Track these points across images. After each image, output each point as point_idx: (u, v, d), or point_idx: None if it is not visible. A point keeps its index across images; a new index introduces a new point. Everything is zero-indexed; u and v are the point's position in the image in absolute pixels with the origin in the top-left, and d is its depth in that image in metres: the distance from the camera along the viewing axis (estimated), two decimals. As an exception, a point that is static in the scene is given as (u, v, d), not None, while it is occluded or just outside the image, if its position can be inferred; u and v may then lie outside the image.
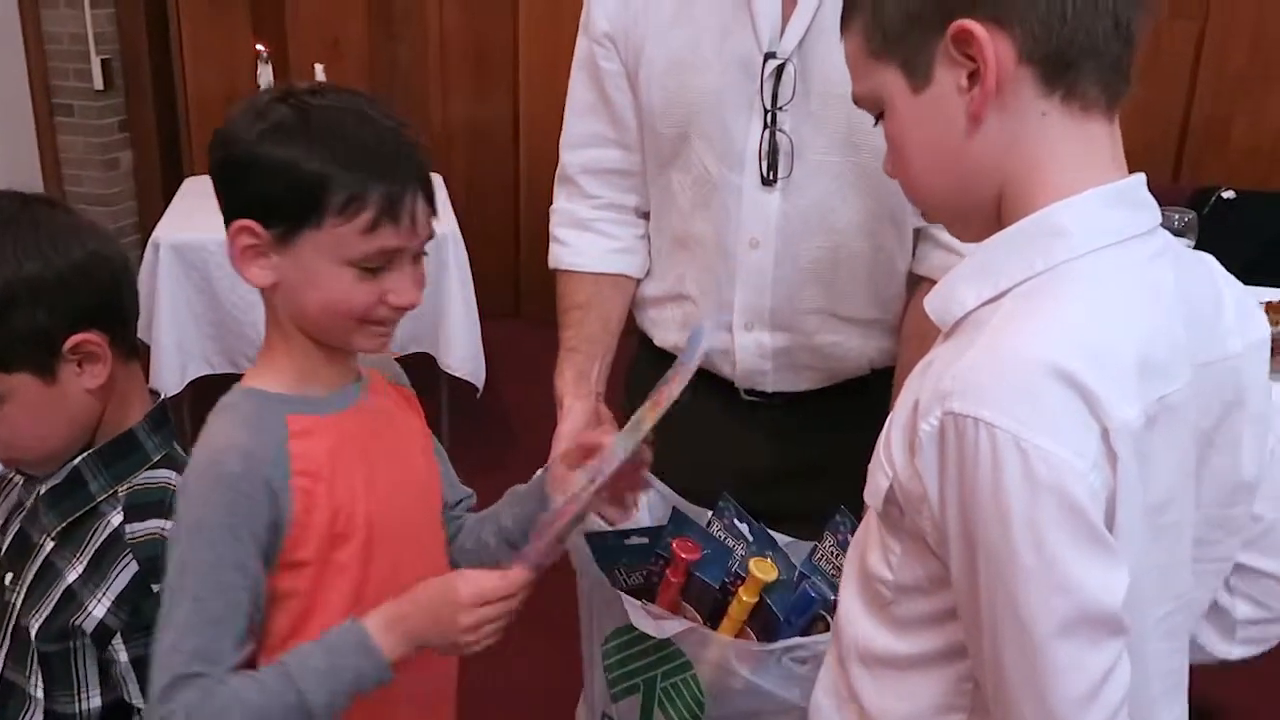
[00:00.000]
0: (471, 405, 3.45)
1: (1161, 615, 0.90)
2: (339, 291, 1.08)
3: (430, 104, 4.63)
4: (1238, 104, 4.20)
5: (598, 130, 1.46)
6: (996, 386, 0.78)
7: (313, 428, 1.11)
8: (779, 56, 1.31)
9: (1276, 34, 4.10)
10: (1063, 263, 0.83)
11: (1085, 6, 0.82)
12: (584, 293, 1.48)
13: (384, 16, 4.54)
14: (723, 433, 1.47)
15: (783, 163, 1.33)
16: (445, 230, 3.33)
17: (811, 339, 1.41)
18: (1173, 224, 2.46)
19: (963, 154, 0.87)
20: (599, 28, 1.41)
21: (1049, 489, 0.76)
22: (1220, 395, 0.90)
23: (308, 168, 1.04)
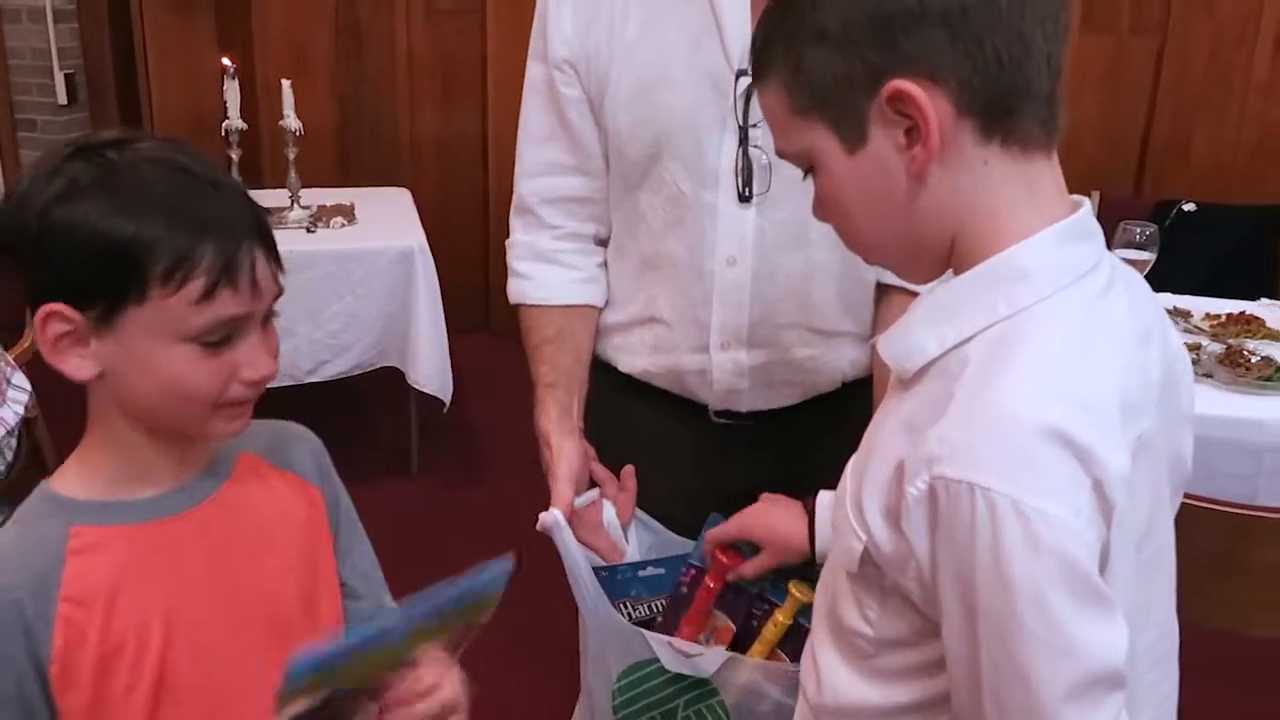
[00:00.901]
0: (439, 421, 3.44)
1: (1148, 645, 0.90)
2: (179, 374, 0.92)
3: (399, 118, 4.62)
4: (1197, 118, 4.26)
5: (556, 158, 1.44)
6: (988, 449, 0.76)
7: (104, 541, 0.94)
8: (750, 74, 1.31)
9: (1233, 49, 4.17)
10: (1026, 307, 0.81)
11: (1020, 51, 0.80)
12: (553, 326, 1.46)
13: (351, 31, 4.53)
14: (696, 459, 1.46)
15: (759, 179, 1.33)
16: (413, 243, 3.32)
17: (789, 354, 1.41)
18: (1135, 237, 2.49)
19: (908, 210, 0.85)
20: (558, 54, 1.39)
21: (1051, 551, 0.74)
22: (1171, 405, 0.91)
23: (119, 232, 0.87)
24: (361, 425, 3.82)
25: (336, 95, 4.55)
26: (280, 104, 3.45)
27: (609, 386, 1.49)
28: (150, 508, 0.97)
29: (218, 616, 0.99)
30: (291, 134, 3.42)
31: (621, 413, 1.48)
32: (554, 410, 1.41)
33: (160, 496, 0.98)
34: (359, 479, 4.02)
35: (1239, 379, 2.17)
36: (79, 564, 0.93)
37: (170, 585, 0.97)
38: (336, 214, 3.46)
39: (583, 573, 1.30)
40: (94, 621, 0.92)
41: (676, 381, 1.44)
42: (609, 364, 1.50)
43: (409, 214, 3.67)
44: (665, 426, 1.46)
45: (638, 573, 1.35)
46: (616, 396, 1.48)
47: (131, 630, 0.94)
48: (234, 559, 1.01)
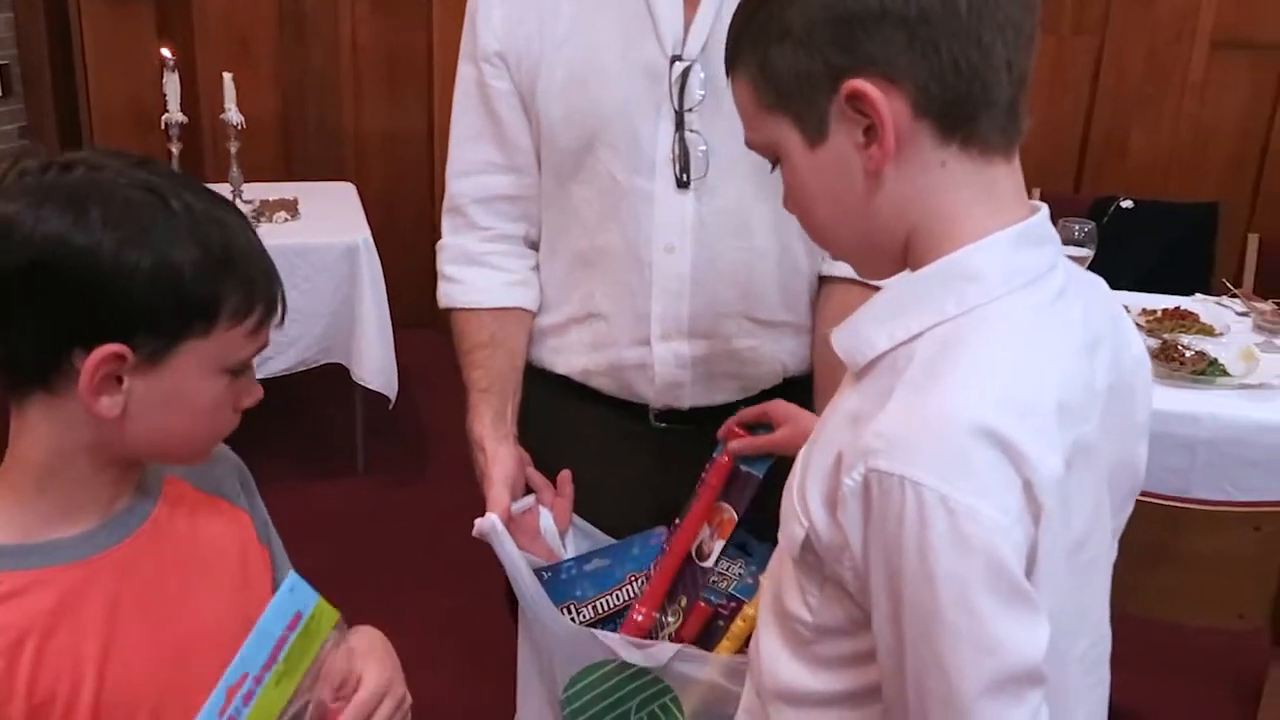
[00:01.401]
0: (385, 417, 3.42)
1: (1082, 651, 0.91)
2: (210, 406, 0.93)
3: (344, 111, 4.57)
4: (1135, 116, 4.34)
5: (486, 156, 1.44)
6: (922, 444, 0.78)
7: (29, 585, 0.89)
8: (685, 59, 1.31)
9: (1170, 48, 4.25)
10: (977, 307, 0.83)
11: (980, 58, 0.81)
12: (486, 330, 1.45)
13: (295, 22, 4.48)
14: (635, 463, 1.45)
15: (696, 165, 1.33)
16: (358, 238, 3.30)
17: (730, 344, 1.41)
18: (1074, 234, 2.53)
19: (865, 206, 0.86)
20: (489, 47, 1.38)
21: (977, 549, 0.76)
22: (1123, 415, 0.92)
23: (202, 271, 0.88)
24: (306, 423, 3.78)
25: (279, 88, 4.49)
26: (221, 96, 3.40)
27: (546, 391, 1.48)
28: (77, 546, 0.93)
29: (159, 650, 0.96)
30: (233, 127, 3.37)
31: (558, 418, 1.48)
32: (488, 415, 1.40)
33: (88, 533, 0.94)
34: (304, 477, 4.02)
35: (1174, 373, 2.21)
36: (3, 613, 0.88)
37: (103, 626, 0.93)
38: (280, 209, 3.43)
39: (524, 577, 1.28)
40: (21, 675, 0.88)
41: (617, 378, 1.43)
42: (545, 369, 1.49)
43: (354, 209, 3.64)
44: (604, 431, 1.45)
45: (583, 567, 1.34)
46: (553, 401, 1.48)
47: (64, 679, 0.90)
48: (170, 589, 0.98)
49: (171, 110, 3.35)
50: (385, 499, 3.38)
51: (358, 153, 4.59)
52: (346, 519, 3.26)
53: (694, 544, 1.31)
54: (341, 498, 3.37)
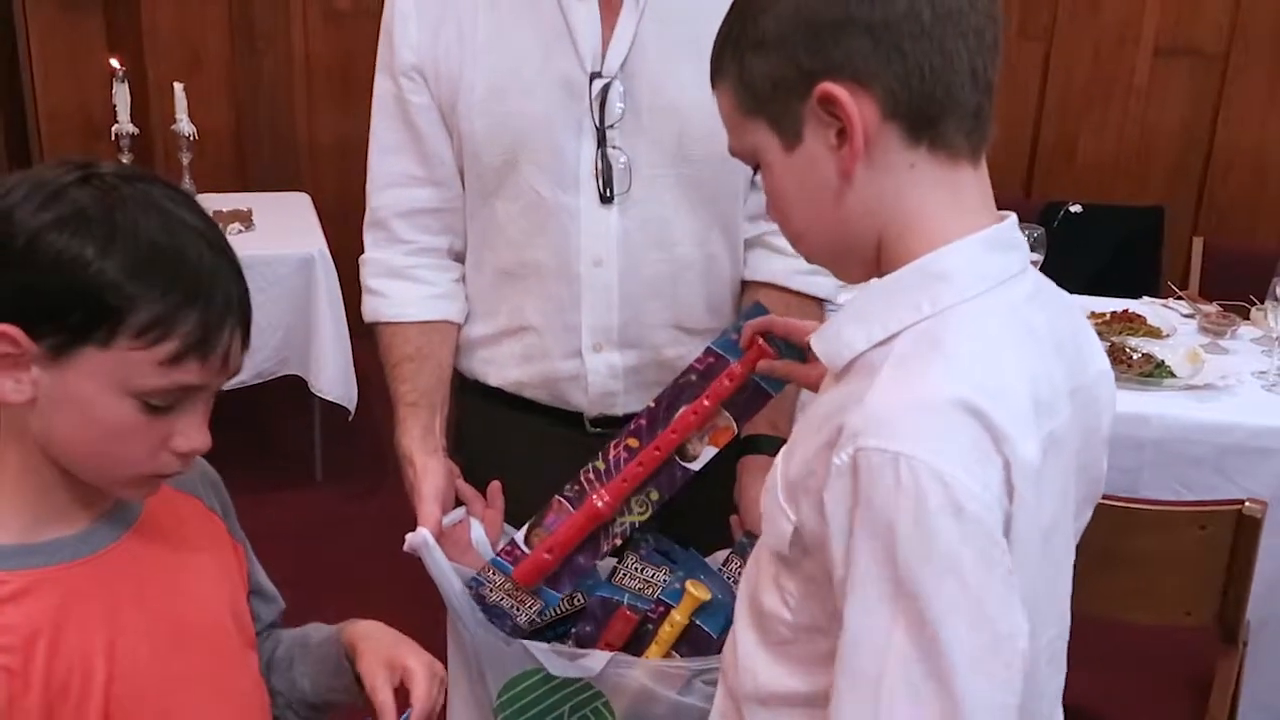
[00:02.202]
0: (344, 428, 3.40)
1: (1049, 639, 0.93)
2: (114, 427, 0.89)
3: (296, 120, 4.55)
4: (1083, 120, 4.41)
5: (406, 169, 1.43)
6: (908, 421, 0.80)
7: (33, 585, 0.91)
8: (605, 76, 1.32)
9: (1115, 52, 4.32)
10: (949, 307, 0.85)
11: (943, 63, 0.84)
12: (412, 344, 1.44)
13: (246, 31, 4.45)
14: (570, 471, 1.42)
15: (619, 179, 1.34)
16: (314, 249, 3.28)
17: (660, 353, 1.42)
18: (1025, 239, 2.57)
19: (837, 208, 0.89)
20: (405, 60, 1.38)
21: (972, 519, 0.77)
22: (1086, 420, 0.95)
23: (108, 276, 0.85)
24: (264, 434, 3.76)
25: (232, 98, 4.46)
26: (173, 106, 3.38)
27: (478, 401, 1.48)
28: (74, 546, 0.95)
29: (158, 643, 0.98)
30: (185, 138, 3.36)
31: (491, 428, 1.48)
32: (416, 429, 1.40)
33: (82, 533, 0.95)
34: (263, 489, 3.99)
35: (1122, 376, 2.25)
36: (11, 613, 0.90)
37: (107, 620, 0.95)
38: (234, 220, 3.40)
39: (454, 589, 1.28)
40: (36, 668, 0.90)
41: (550, 389, 1.44)
42: (476, 379, 1.49)
43: (309, 219, 3.62)
44: (537, 439, 1.45)
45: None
46: (485, 411, 1.48)
47: (76, 670, 0.92)
48: (163, 587, 1.00)
49: (121, 120, 3.33)
50: (344, 509, 3.37)
51: (311, 163, 4.56)
52: (305, 529, 3.24)
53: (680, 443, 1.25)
54: (300, 507, 3.35)
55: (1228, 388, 2.26)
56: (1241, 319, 2.61)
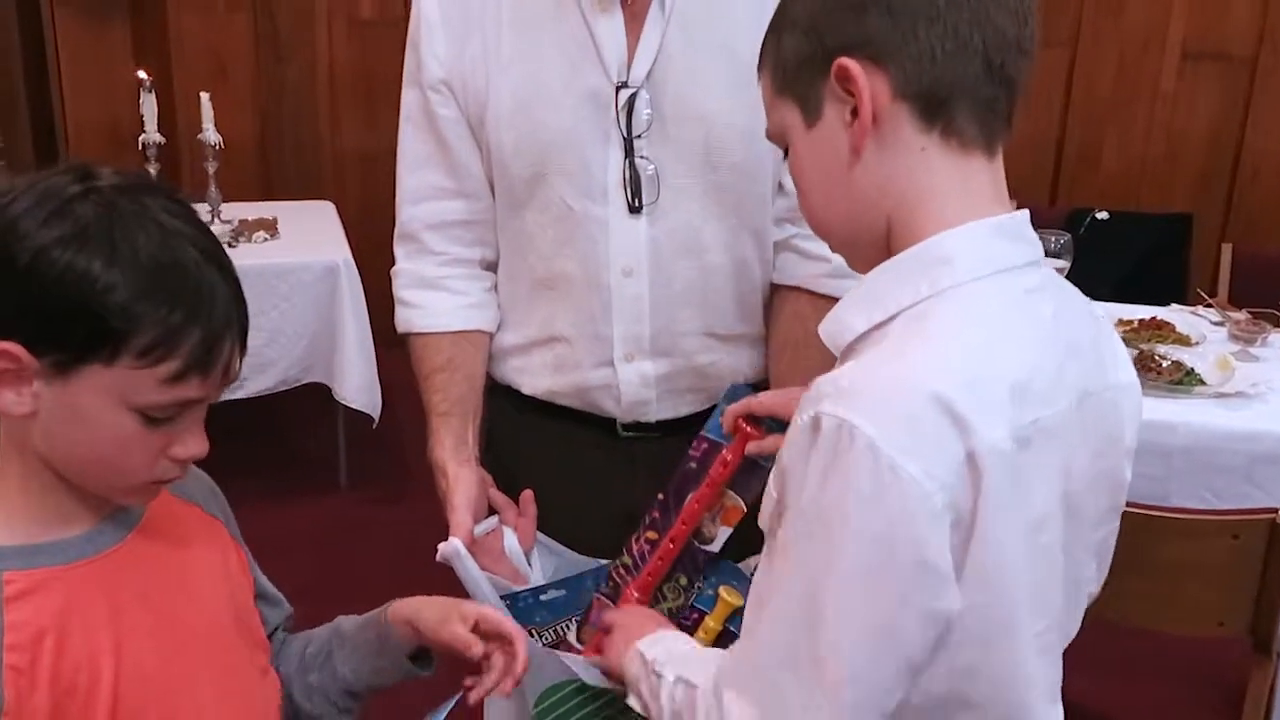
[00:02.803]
0: (369, 435, 3.41)
1: (1038, 631, 0.93)
2: (115, 441, 0.90)
3: (321, 129, 4.57)
4: (1107, 127, 4.38)
5: (436, 182, 1.43)
6: (869, 395, 0.83)
7: (39, 584, 0.92)
8: (631, 86, 1.32)
9: (1140, 58, 4.29)
10: (947, 289, 0.87)
11: (955, 49, 0.87)
12: (444, 354, 1.44)
13: (271, 41, 4.47)
14: (602, 475, 1.45)
15: (647, 189, 1.34)
16: (338, 258, 3.29)
17: (692, 360, 1.42)
18: (1050, 245, 2.55)
19: (848, 185, 0.92)
20: (433, 75, 1.38)
21: (892, 498, 0.80)
22: (1104, 427, 0.95)
23: (114, 297, 0.85)
24: (289, 442, 3.77)
25: (257, 107, 4.49)
26: (199, 116, 3.40)
27: (511, 409, 1.48)
28: (79, 547, 0.95)
29: (160, 645, 0.99)
30: (211, 147, 3.37)
31: (524, 435, 1.48)
32: (449, 440, 1.40)
33: (86, 534, 0.96)
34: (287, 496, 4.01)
35: (1150, 383, 2.23)
36: (19, 610, 0.90)
37: (112, 620, 0.96)
38: (259, 228, 3.42)
39: (489, 599, 1.28)
40: (43, 666, 0.91)
41: (582, 398, 1.43)
42: (509, 387, 1.48)
43: (333, 228, 3.64)
44: (570, 445, 1.45)
45: (539, 597, 1.33)
46: (518, 419, 1.48)
47: (83, 669, 0.93)
48: (165, 589, 1.01)
49: (148, 130, 3.35)
50: (368, 516, 3.38)
51: (336, 172, 4.59)
52: (329, 536, 3.25)
53: (693, 531, 1.28)
54: (324, 515, 3.35)
55: (1258, 395, 2.24)
56: (1272, 326, 2.58)
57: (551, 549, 1.40)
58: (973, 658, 0.88)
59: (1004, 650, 0.89)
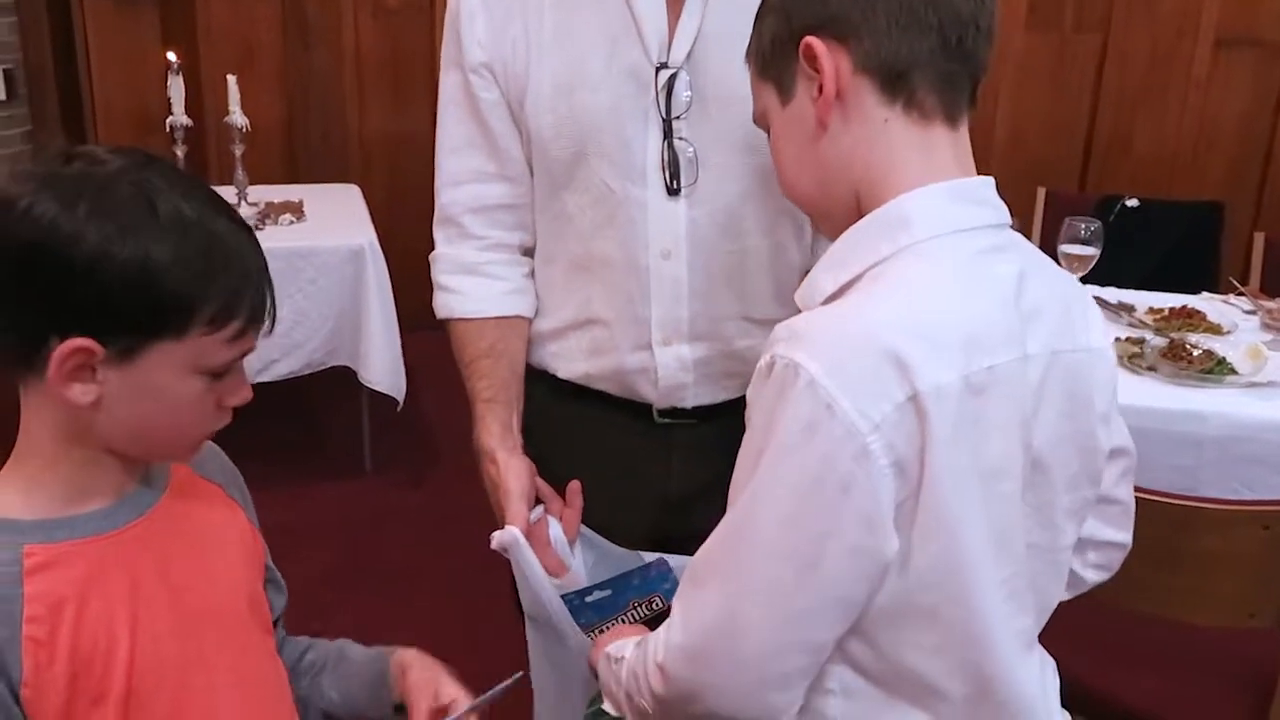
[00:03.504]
0: (392, 419, 3.42)
1: (1002, 579, 0.95)
2: (185, 404, 0.94)
3: (348, 114, 4.58)
4: (1139, 113, 4.33)
5: (478, 165, 1.42)
6: (816, 338, 0.88)
7: (58, 557, 0.93)
8: (671, 66, 1.31)
9: (1173, 45, 4.24)
10: (905, 247, 0.91)
11: (910, 24, 0.92)
12: (486, 339, 1.44)
13: (299, 25, 4.48)
14: (639, 461, 1.44)
15: (686, 171, 1.33)
16: (364, 241, 3.30)
17: (730, 345, 1.41)
18: (1080, 233, 2.53)
19: (817, 157, 0.98)
20: (474, 58, 1.37)
21: (825, 432, 0.85)
22: (1071, 384, 0.98)
23: (177, 277, 0.88)
24: (313, 425, 3.79)
25: (284, 91, 4.50)
26: (226, 99, 3.41)
27: (547, 394, 1.47)
28: (99, 521, 0.97)
29: (177, 622, 1.00)
30: (238, 130, 3.38)
31: (560, 420, 1.47)
32: (496, 426, 1.39)
33: (106, 510, 0.98)
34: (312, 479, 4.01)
35: (1181, 372, 2.21)
36: (39, 583, 0.92)
37: (129, 595, 0.97)
38: (285, 211, 3.43)
39: (548, 592, 1.27)
40: (61, 639, 0.92)
41: (619, 382, 1.43)
42: (545, 371, 1.48)
43: (359, 211, 3.65)
44: (605, 431, 1.44)
45: (585, 599, 1.32)
46: (555, 404, 1.47)
47: (100, 643, 0.94)
48: (182, 567, 1.02)
49: (176, 113, 3.36)
50: (392, 500, 3.39)
51: (362, 156, 4.60)
52: (354, 520, 3.26)
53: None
54: (349, 499, 3.37)
55: (1290, 385, 2.21)
56: (1305, 315, 2.55)
57: (592, 541, 1.39)
58: (932, 601, 0.91)
59: (965, 596, 0.92)
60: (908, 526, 0.88)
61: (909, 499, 0.87)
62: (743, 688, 0.92)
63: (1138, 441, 1.11)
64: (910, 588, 0.90)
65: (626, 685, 1.04)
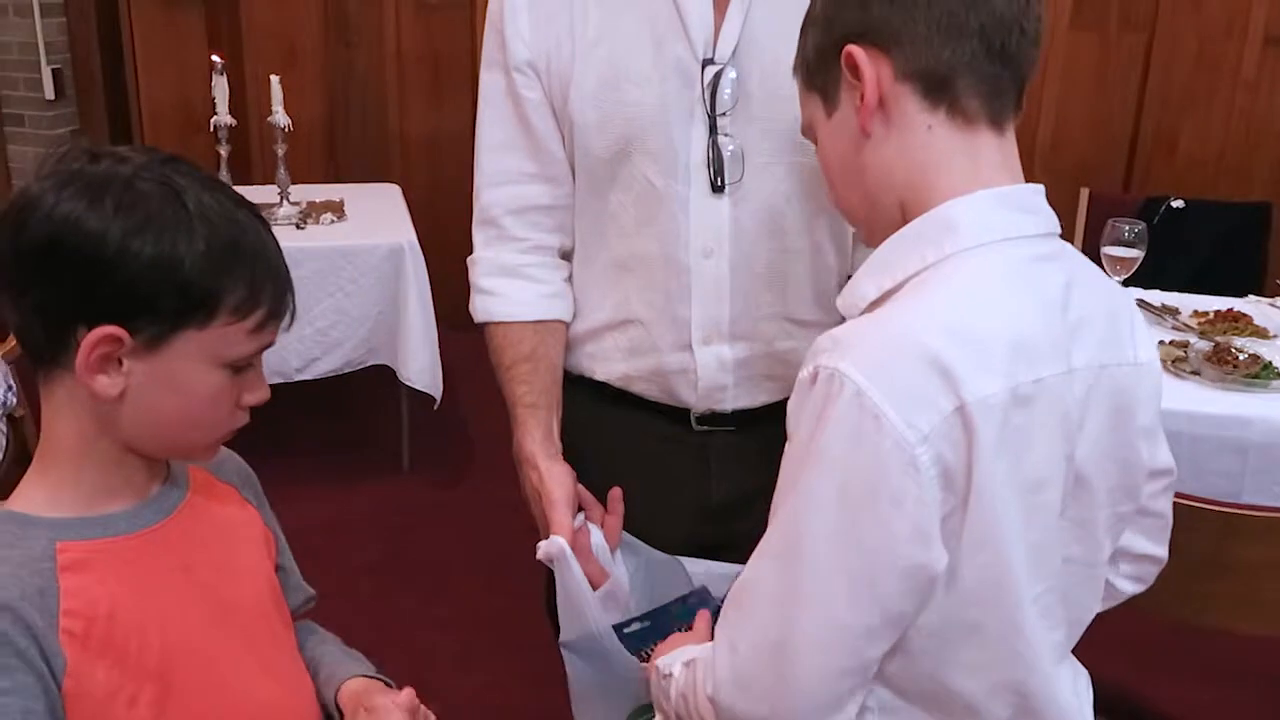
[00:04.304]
0: (430, 417, 3.44)
1: (1038, 593, 0.94)
2: (206, 398, 0.96)
3: (388, 113, 4.61)
4: (1185, 114, 4.27)
5: (518, 166, 1.41)
6: (861, 347, 0.86)
7: (91, 555, 0.95)
8: (717, 62, 1.30)
9: (1220, 44, 4.18)
10: (951, 254, 0.90)
11: (951, 29, 0.91)
12: (527, 344, 1.42)
13: (340, 25, 4.52)
14: (676, 469, 1.43)
15: (730, 168, 1.32)
16: (403, 240, 3.32)
17: (771, 346, 1.40)
18: (1124, 235, 2.49)
19: (862, 166, 0.97)
20: (519, 56, 1.37)
21: (873, 445, 0.83)
22: (1117, 398, 0.96)
23: (203, 267, 0.91)
24: (352, 423, 3.81)
25: (326, 91, 4.54)
26: (269, 99, 3.44)
27: (584, 398, 1.46)
28: (127, 520, 0.99)
29: (204, 618, 1.02)
30: (280, 130, 3.41)
31: (598, 425, 1.46)
32: (538, 432, 1.38)
33: (133, 509, 1.00)
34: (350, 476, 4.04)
35: (1226, 376, 2.17)
36: (73, 580, 0.94)
37: (160, 593, 0.99)
38: (326, 210, 3.46)
39: (591, 605, 1.25)
40: (96, 634, 0.94)
41: (658, 383, 1.42)
42: (582, 374, 1.47)
43: (399, 210, 3.67)
44: (644, 436, 1.43)
45: (624, 631, 1.30)
46: (592, 408, 1.46)
47: (133, 639, 0.96)
48: (210, 564, 1.04)
49: (220, 113, 3.39)
50: (430, 498, 3.40)
51: (402, 155, 4.62)
52: (392, 518, 3.28)
53: None
54: (387, 497, 3.39)
55: (1339, 390, 2.17)
56: (1354, 319, 2.50)
57: (634, 547, 1.38)
58: (977, 616, 0.90)
59: (1007, 611, 0.91)
60: (955, 540, 0.87)
61: (955, 511, 0.86)
62: (797, 712, 0.90)
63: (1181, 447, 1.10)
64: (955, 603, 0.89)
65: (676, 706, 1.03)
